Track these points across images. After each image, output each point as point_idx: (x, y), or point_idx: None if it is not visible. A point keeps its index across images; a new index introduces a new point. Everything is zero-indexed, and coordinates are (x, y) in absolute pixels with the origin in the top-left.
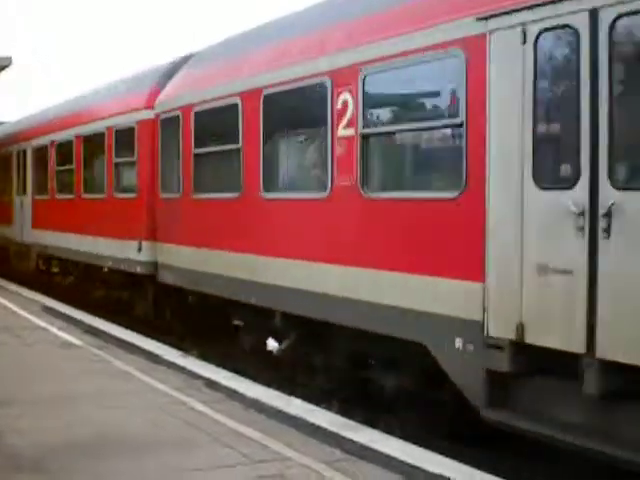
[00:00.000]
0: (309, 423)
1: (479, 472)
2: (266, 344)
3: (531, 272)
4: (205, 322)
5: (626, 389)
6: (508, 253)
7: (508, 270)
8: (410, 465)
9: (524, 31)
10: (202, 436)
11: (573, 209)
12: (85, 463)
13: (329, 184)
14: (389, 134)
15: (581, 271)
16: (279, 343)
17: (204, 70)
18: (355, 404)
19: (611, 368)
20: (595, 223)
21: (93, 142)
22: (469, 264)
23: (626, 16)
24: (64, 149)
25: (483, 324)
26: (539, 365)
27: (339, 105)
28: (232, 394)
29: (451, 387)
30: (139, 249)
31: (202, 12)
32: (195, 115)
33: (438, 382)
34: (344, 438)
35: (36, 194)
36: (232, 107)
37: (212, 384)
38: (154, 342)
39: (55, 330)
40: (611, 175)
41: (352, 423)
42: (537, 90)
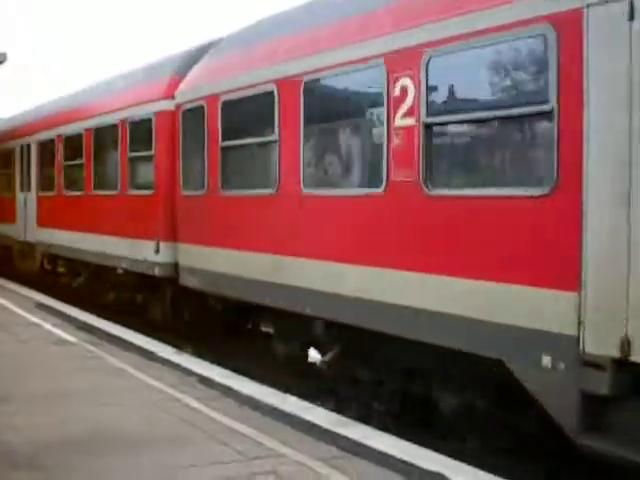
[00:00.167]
0: (304, 420)
1: (474, 469)
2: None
3: None
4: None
5: None
6: (611, 257)
7: (611, 277)
8: (405, 462)
9: (632, 5)
10: (197, 433)
11: None
12: (80, 460)
13: (384, 180)
14: (459, 123)
15: None
16: (322, 354)
17: (232, 57)
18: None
19: None
20: None
21: (105, 135)
22: (561, 270)
23: None
24: (72, 143)
25: (578, 339)
26: None
27: (397, 92)
28: (227, 391)
29: (522, 406)
30: (157, 250)
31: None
32: (222, 105)
33: (510, 401)
34: (339, 435)
35: (41, 191)
36: (266, 96)
37: (206, 381)
38: (148, 339)
39: (49, 327)
40: None
41: (347, 420)
42: None
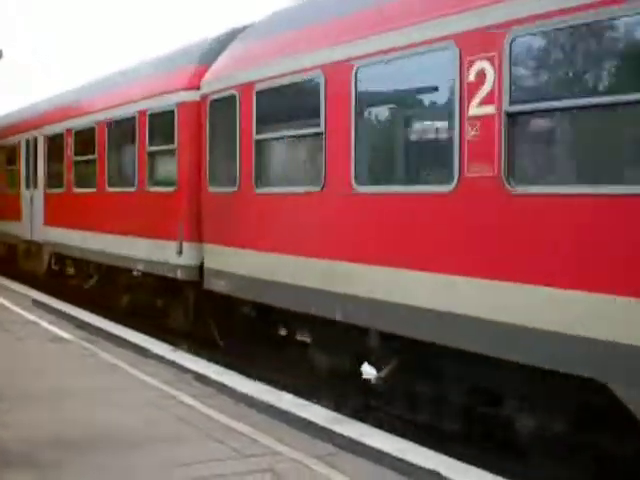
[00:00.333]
0: (300, 418)
1: (470, 467)
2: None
3: None
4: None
5: None
6: None
7: None
8: (401, 459)
9: None
10: (192, 430)
11: None
12: (74, 458)
13: (455, 175)
14: (549, 112)
15: None
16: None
17: (268, 42)
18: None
19: None
20: None
21: (120, 129)
22: None
23: None
24: (84, 137)
25: None
26: None
27: (471, 77)
28: (222, 388)
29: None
30: (179, 251)
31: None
32: (257, 94)
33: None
34: (334, 432)
35: (49, 187)
36: (310, 83)
37: (202, 378)
38: (144, 336)
39: (46, 324)
40: None
41: (342, 417)
42: None
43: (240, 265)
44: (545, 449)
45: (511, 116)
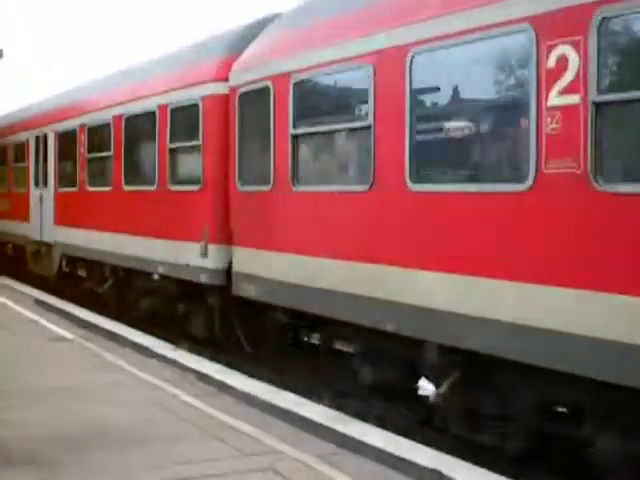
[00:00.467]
0: (301, 416)
1: (472, 465)
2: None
3: None
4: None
5: None
6: None
7: None
8: (402, 458)
9: None
10: (193, 429)
11: None
12: (75, 456)
13: (532, 172)
14: None
15: None
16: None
17: (308, 29)
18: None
19: None
20: None
21: (138, 124)
22: None
23: None
24: (99, 133)
25: None
26: None
27: (551, 63)
28: (223, 387)
29: None
30: (204, 253)
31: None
32: (294, 85)
33: None
34: (336, 431)
35: (60, 186)
36: (357, 72)
37: (203, 377)
38: (145, 335)
39: (47, 323)
40: None
41: (344, 416)
42: None
43: (275, 269)
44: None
45: (599, 106)
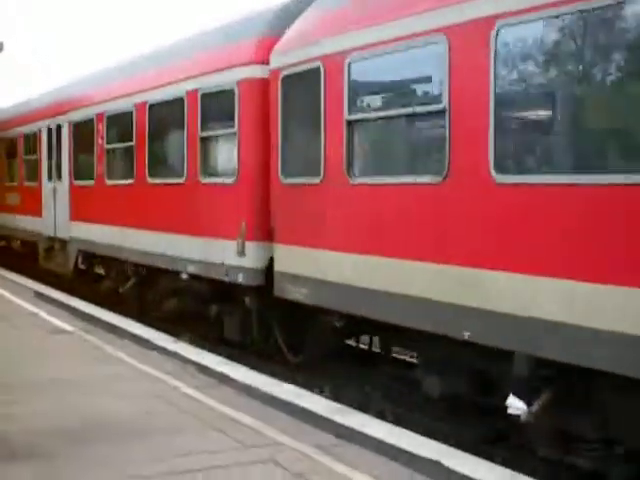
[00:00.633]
0: (302, 408)
1: (471, 456)
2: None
3: None
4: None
5: None
6: None
7: None
8: (402, 450)
9: None
10: (194, 421)
11: None
12: (75, 449)
13: None
14: None
15: None
16: (527, 403)
17: (365, 4)
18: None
19: None
20: None
21: (165, 111)
22: None
23: None
24: (119, 122)
25: None
26: None
27: None
28: (224, 379)
29: None
30: (241, 251)
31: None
32: (350, 66)
33: None
34: (336, 423)
35: (76, 179)
36: (427, 51)
37: (204, 369)
38: (145, 327)
39: (48, 316)
40: None
41: (344, 408)
42: None
43: (327, 270)
44: None
45: None
